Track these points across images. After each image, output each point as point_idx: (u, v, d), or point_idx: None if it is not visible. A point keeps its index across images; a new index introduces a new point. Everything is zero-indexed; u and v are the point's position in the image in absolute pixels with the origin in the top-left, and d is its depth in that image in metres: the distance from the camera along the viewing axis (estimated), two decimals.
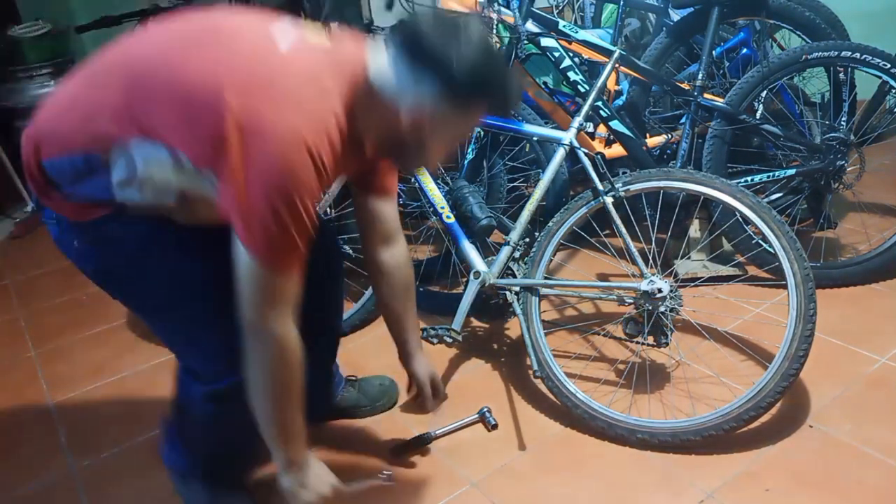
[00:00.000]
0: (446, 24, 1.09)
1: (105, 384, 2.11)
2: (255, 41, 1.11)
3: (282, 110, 1.03)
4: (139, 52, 1.16)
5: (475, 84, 1.10)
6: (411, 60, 1.08)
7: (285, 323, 1.13)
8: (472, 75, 1.08)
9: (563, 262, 2.52)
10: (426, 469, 1.63)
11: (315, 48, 1.13)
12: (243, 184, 1.03)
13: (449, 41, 1.07)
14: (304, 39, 1.13)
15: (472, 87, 1.10)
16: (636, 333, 1.74)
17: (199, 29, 1.15)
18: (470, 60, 1.07)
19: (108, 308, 2.57)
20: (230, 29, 1.14)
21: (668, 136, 2.42)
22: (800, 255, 1.62)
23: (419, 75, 1.08)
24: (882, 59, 2.07)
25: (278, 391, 1.16)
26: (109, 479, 1.71)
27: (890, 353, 1.86)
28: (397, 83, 1.10)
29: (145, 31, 1.21)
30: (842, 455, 1.55)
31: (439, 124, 1.13)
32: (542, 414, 1.78)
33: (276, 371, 1.14)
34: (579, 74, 2.24)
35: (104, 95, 1.11)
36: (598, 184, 1.77)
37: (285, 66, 1.07)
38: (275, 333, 1.12)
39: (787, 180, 2.25)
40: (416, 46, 1.08)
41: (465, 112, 1.15)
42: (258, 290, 1.10)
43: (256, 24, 1.14)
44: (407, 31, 1.09)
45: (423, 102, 1.10)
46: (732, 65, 2.57)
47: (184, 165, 1.09)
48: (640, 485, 1.53)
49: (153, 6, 3.35)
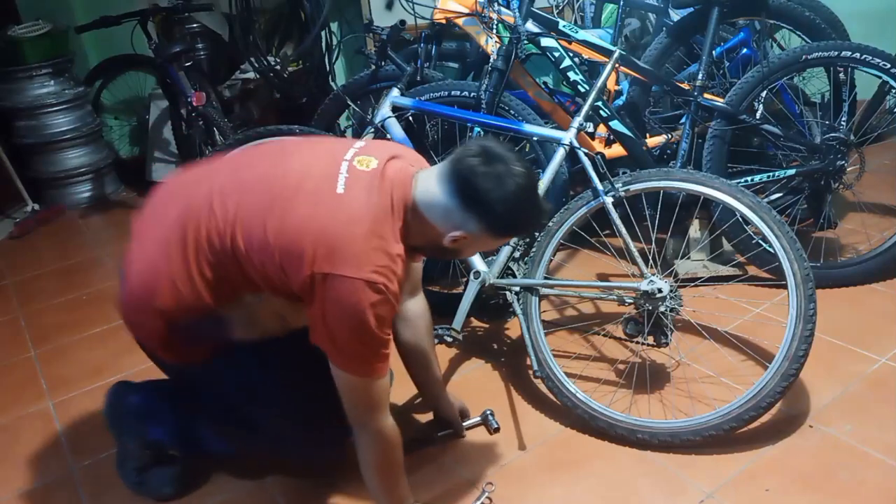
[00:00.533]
0: (494, 168, 1.23)
1: (105, 384, 2.11)
2: (317, 190, 1.26)
3: (351, 264, 1.20)
4: (223, 219, 1.29)
5: (514, 226, 1.34)
6: (462, 201, 1.24)
7: (384, 418, 1.34)
8: (512, 220, 1.29)
9: (563, 262, 2.52)
10: (426, 469, 1.63)
11: (366, 180, 1.27)
12: (327, 324, 1.23)
13: (497, 188, 1.23)
14: (356, 173, 1.28)
15: (510, 228, 1.35)
16: (636, 333, 1.74)
17: (267, 186, 1.29)
18: (512, 209, 1.25)
19: (108, 308, 2.57)
20: (296, 180, 1.28)
21: (668, 136, 2.42)
22: (800, 255, 1.62)
23: (467, 214, 1.25)
24: (882, 59, 2.07)
25: (386, 471, 1.38)
26: (109, 479, 1.71)
27: (890, 353, 1.86)
28: (444, 214, 1.27)
29: (210, 180, 1.35)
30: (842, 455, 1.55)
31: (475, 243, 1.34)
32: (542, 414, 1.78)
33: (382, 458, 1.36)
34: (579, 74, 2.24)
35: (220, 264, 1.29)
36: (598, 184, 1.77)
37: (351, 221, 1.22)
38: (377, 430, 1.34)
39: (787, 180, 2.25)
40: (467, 191, 1.24)
41: (498, 240, 1.40)
42: (356, 398, 1.31)
43: (317, 166, 1.30)
44: (460, 175, 1.24)
45: (466, 231, 1.27)
46: (732, 65, 2.57)
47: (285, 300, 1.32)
48: (640, 485, 1.53)
49: (153, 6, 3.36)
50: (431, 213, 1.28)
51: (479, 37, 2.39)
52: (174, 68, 3.01)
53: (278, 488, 1.62)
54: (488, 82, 2.14)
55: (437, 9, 2.41)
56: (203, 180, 1.36)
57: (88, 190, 3.76)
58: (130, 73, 3.91)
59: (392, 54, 2.35)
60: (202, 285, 1.30)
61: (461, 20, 2.35)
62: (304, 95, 3.36)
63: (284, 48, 3.65)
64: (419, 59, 2.44)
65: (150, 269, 1.33)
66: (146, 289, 1.33)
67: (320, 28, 3.18)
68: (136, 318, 1.40)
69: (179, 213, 1.32)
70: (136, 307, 1.38)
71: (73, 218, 3.59)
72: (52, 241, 3.33)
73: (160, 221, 1.35)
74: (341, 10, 3.52)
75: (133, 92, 3.98)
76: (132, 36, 3.14)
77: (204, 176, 1.38)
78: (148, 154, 3.91)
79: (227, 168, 1.38)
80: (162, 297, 1.31)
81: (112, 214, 3.61)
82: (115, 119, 4.08)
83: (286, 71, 3.47)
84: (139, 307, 1.36)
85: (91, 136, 3.71)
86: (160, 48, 3.05)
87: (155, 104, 3.82)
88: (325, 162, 1.30)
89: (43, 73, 3.50)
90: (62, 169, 3.65)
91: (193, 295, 1.31)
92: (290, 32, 3.64)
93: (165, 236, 1.32)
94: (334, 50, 3.36)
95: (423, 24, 2.54)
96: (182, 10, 3.31)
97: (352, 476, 1.59)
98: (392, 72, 2.40)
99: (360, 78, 2.49)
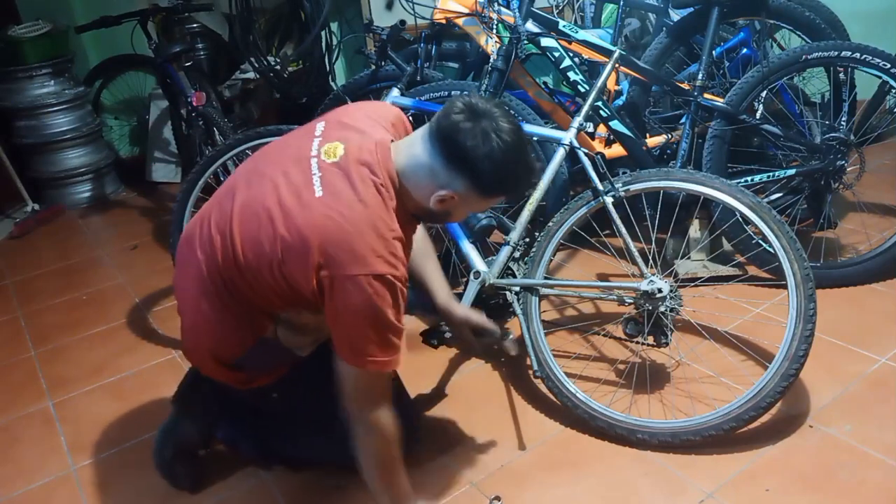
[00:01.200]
0: (478, 123, 1.21)
1: (105, 384, 2.11)
2: (298, 201, 1.24)
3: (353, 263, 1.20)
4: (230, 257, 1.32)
5: (500, 184, 1.27)
6: (446, 159, 1.23)
7: (389, 411, 1.33)
8: (499, 178, 1.24)
9: (563, 262, 2.52)
10: (426, 469, 1.63)
11: (340, 173, 1.26)
12: (343, 323, 1.24)
13: (481, 145, 1.20)
14: (327, 169, 1.26)
15: (497, 186, 1.27)
16: (636, 333, 1.74)
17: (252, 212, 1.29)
18: (498, 166, 1.22)
19: (108, 308, 2.57)
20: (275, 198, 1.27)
21: (668, 136, 2.42)
22: (800, 255, 1.62)
23: (453, 173, 1.23)
24: (882, 59, 2.07)
25: (386, 466, 1.37)
26: (109, 479, 1.71)
27: (890, 353, 1.86)
28: (430, 174, 1.25)
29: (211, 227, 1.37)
30: (842, 455, 1.55)
31: (463, 204, 1.30)
32: (542, 414, 1.78)
33: (383, 453, 1.35)
34: (579, 74, 2.24)
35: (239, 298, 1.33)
36: (598, 184, 1.77)
37: (341, 220, 1.21)
38: (383, 423, 1.32)
39: (787, 180, 2.25)
40: (451, 149, 1.22)
41: (487, 200, 1.33)
42: (367, 392, 1.31)
43: (290, 174, 1.28)
44: (444, 132, 1.22)
45: (453, 191, 1.25)
46: (732, 65, 2.57)
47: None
48: (640, 485, 1.53)
49: (153, 6, 3.36)
50: (417, 176, 1.26)
51: (479, 37, 2.39)
52: (174, 68, 3.01)
53: (279, 487, 1.62)
54: (488, 82, 2.14)
55: (437, 9, 2.41)
56: (204, 219, 1.40)
57: (88, 190, 3.76)
58: (130, 73, 3.92)
59: (392, 54, 2.35)
60: (234, 324, 1.36)
61: (461, 20, 2.35)
62: (304, 95, 3.36)
63: (284, 48, 3.65)
64: (419, 59, 2.44)
65: (190, 321, 1.41)
66: (193, 343, 1.43)
67: (320, 28, 3.18)
68: (196, 359, 1.48)
69: (196, 263, 1.37)
70: (192, 351, 1.46)
71: (73, 218, 3.59)
72: (52, 241, 3.33)
73: (184, 273, 1.41)
74: (341, 10, 3.52)
75: (133, 92, 3.98)
76: (132, 36, 3.14)
77: (205, 215, 1.42)
78: (148, 154, 3.92)
79: (215, 201, 1.41)
80: (209, 344, 1.39)
81: (112, 214, 3.61)
82: (115, 119, 4.08)
83: (286, 71, 3.47)
84: (195, 351, 1.45)
85: (91, 136, 3.71)
86: (160, 48, 3.05)
87: (155, 104, 3.82)
88: (295, 169, 1.28)
89: (43, 73, 3.50)
90: (62, 169, 3.65)
91: (232, 334, 1.37)
92: (290, 32, 3.64)
93: (190, 287, 1.38)
94: (334, 50, 3.36)
95: (423, 24, 2.54)
96: (182, 10, 3.31)
97: (352, 476, 1.60)
98: (392, 72, 2.40)
99: (360, 78, 2.49)
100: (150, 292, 2.65)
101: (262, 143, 2.15)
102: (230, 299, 1.33)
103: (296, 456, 1.63)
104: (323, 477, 1.62)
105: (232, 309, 1.34)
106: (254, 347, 1.38)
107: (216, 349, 1.39)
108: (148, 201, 3.72)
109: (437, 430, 1.74)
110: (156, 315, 2.50)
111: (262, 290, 1.30)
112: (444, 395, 1.88)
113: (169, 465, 1.61)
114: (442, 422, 1.77)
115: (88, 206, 3.71)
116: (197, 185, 2.16)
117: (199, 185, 2.16)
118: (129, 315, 2.50)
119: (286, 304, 1.33)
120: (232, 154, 2.17)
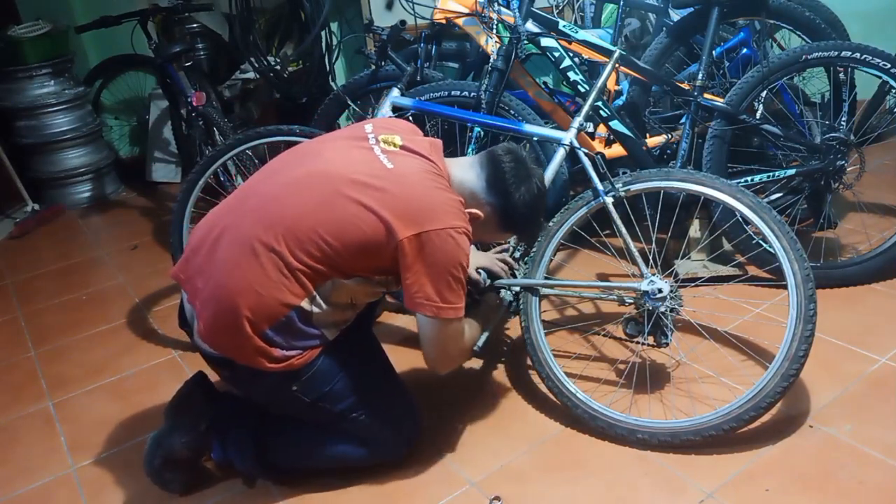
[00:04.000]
0: (523, 169, 1.52)
1: (105, 384, 2.11)
2: (371, 172, 1.42)
3: (436, 219, 1.39)
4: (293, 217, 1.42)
5: (520, 218, 1.54)
6: (488, 183, 1.51)
7: (463, 354, 1.62)
8: (520, 214, 1.52)
9: (563, 262, 2.52)
10: (426, 469, 1.63)
11: (403, 153, 1.48)
12: (430, 276, 1.39)
13: (520, 181, 1.50)
14: (391, 152, 1.47)
15: (516, 219, 1.54)
16: (636, 333, 1.74)
17: (316, 181, 1.43)
18: (527, 201, 1.51)
19: (108, 308, 2.57)
20: (342, 171, 1.43)
21: (668, 136, 2.42)
22: (800, 256, 1.62)
23: (489, 196, 1.51)
24: (882, 59, 2.07)
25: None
26: (109, 479, 1.71)
27: (890, 353, 1.86)
28: (470, 192, 1.51)
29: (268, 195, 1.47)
30: (842, 455, 1.55)
31: (482, 228, 1.53)
32: (542, 414, 1.78)
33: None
34: (579, 74, 2.24)
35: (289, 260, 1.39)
36: (598, 184, 1.77)
37: (417, 185, 1.42)
38: (455, 365, 1.63)
39: (787, 180, 2.25)
40: (497, 173, 1.50)
41: (502, 231, 1.59)
42: (454, 343, 1.52)
43: (356, 153, 1.47)
44: (494, 162, 1.51)
45: (482, 208, 1.51)
46: (732, 65, 2.56)
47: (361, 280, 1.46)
48: (640, 485, 1.53)
49: (153, 6, 3.36)
50: (461, 188, 1.49)
51: (479, 37, 2.39)
52: (174, 68, 3.01)
53: (277, 488, 1.62)
54: (488, 82, 2.14)
55: (437, 9, 2.40)
56: (241, 201, 1.49)
57: (88, 190, 3.76)
58: (130, 73, 3.92)
59: (392, 54, 2.35)
60: (275, 283, 1.39)
61: (461, 20, 2.35)
62: (304, 95, 3.36)
63: (284, 48, 3.65)
64: (419, 59, 2.44)
65: (222, 290, 1.42)
66: (227, 307, 1.41)
67: (320, 28, 3.18)
68: (226, 340, 1.45)
69: (233, 235, 1.43)
70: (222, 328, 1.44)
71: (73, 218, 3.59)
72: (52, 241, 3.34)
73: (210, 255, 1.45)
74: (341, 10, 3.52)
75: (133, 92, 3.98)
76: (132, 36, 3.14)
77: (239, 199, 1.50)
78: (148, 154, 3.92)
79: (259, 184, 1.50)
80: (245, 306, 1.39)
81: (112, 214, 3.61)
82: (115, 119, 4.08)
83: (286, 71, 3.46)
84: (226, 327, 1.43)
85: (91, 136, 3.71)
86: (160, 48, 3.05)
87: (155, 104, 3.82)
88: (357, 150, 1.46)
89: (43, 73, 3.50)
90: (62, 169, 3.66)
91: (273, 294, 1.39)
92: (290, 32, 3.64)
93: (227, 258, 1.42)
94: (334, 50, 3.36)
95: (423, 24, 2.54)
96: (182, 10, 3.31)
97: (352, 476, 1.60)
98: (392, 72, 2.40)
99: (360, 78, 2.49)
100: (150, 292, 2.65)
101: (262, 143, 2.15)
102: (276, 261, 1.38)
103: (296, 466, 1.62)
104: (323, 477, 1.62)
105: (280, 268, 1.39)
106: (287, 318, 1.41)
107: (255, 309, 1.39)
108: (148, 201, 3.72)
109: (437, 430, 1.74)
110: (156, 315, 2.50)
111: (323, 253, 1.38)
112: (445, 395, 1.88)
113: (158, 473, 1.60)
114: (442, 422, 1.77)
115: (88, 206, 3.72)
116: (197, 185, 2.16)
117: (199, 185, 2.16)
118: (129, 315, 2.50)
119: (338, 271, 1.41)
120: (232, 154, 2.17)
